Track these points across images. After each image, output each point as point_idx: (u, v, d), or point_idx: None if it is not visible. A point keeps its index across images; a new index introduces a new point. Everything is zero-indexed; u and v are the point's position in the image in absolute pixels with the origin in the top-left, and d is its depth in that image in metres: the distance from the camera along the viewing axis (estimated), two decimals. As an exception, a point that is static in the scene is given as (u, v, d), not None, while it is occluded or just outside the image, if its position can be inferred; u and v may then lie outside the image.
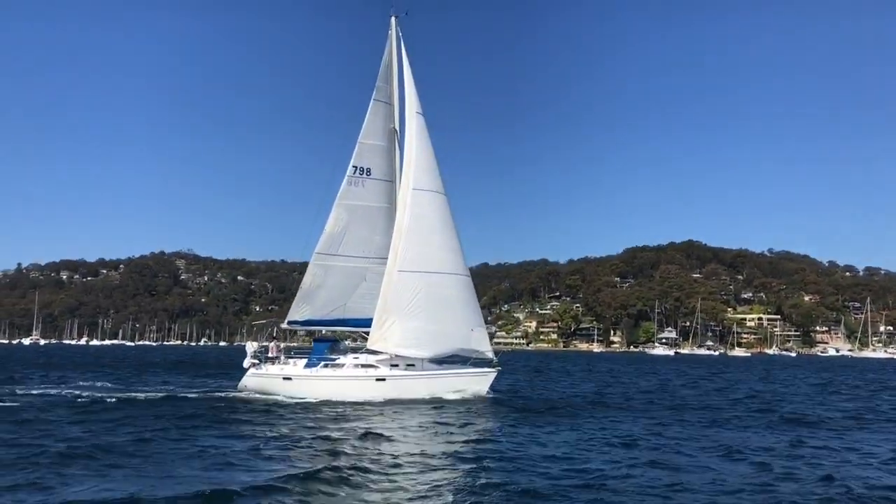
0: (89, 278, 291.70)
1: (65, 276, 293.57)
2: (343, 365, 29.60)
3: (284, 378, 29.91)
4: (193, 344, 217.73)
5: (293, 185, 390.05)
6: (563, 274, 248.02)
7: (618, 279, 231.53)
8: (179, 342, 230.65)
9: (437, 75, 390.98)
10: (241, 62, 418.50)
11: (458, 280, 30.74)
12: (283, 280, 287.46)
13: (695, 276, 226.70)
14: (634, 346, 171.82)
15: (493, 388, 30.87)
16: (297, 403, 27.16)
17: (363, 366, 29.48)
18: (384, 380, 29.30)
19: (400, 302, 29.51)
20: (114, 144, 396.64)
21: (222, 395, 30.05)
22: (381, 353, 29.47)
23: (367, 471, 13.89)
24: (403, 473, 13.91)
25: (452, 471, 14.33)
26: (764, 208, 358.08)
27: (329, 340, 31.97)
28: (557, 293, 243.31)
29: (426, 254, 29.97)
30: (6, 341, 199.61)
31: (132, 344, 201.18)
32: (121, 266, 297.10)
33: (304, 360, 30.27)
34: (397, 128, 31.95)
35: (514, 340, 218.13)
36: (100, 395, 28.96)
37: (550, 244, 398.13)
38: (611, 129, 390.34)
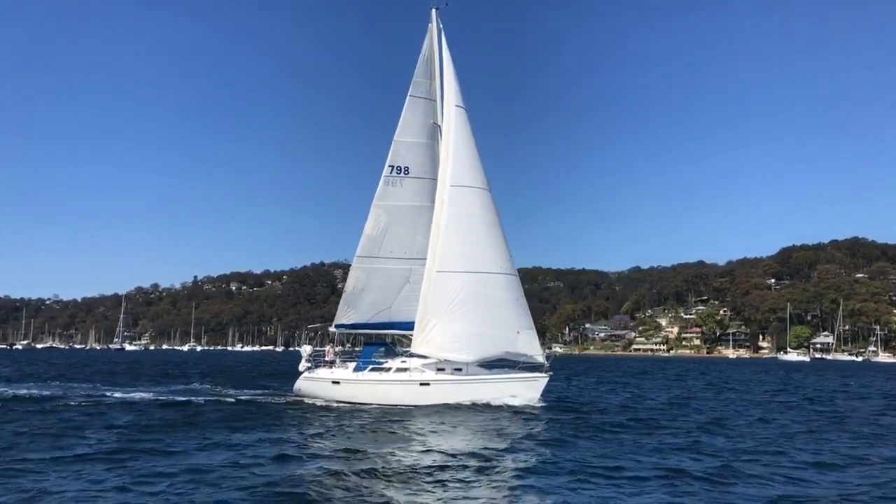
0: (255, 289, 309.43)
1: (234, 287, 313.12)
2: (390, 369, 28.58)
3: (333, 382, 29.37)
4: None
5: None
6: (711, 276, 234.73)
7: (772, 280, 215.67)
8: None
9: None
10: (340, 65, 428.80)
11: (503, 279, 28.79)
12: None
13: (858, 275, 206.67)
14: (785, 353, 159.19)
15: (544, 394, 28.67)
16: (325, 406, 26.71)
17: (408, 370, 28.28)
18: (428, 384, 27.98)
19: (440, 304, 28.08)
20: (263, 165, 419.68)
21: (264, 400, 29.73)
22: (428, 356, 28.23)
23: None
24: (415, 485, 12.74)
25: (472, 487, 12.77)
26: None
27: (379, 344, 31.00)
28: (705, 297, 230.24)
29: (466, 253, 28.34)
30: (179, 347, 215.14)
31: (281, 349, 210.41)
32: (284, 277, 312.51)
33: (354, 364, 29.60)
34: (440, 123, 30.46)
35: (654, 346, 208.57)
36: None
37: (707, 245, 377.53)
38: (765, 122, 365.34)
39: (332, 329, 31.21)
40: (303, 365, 30.54)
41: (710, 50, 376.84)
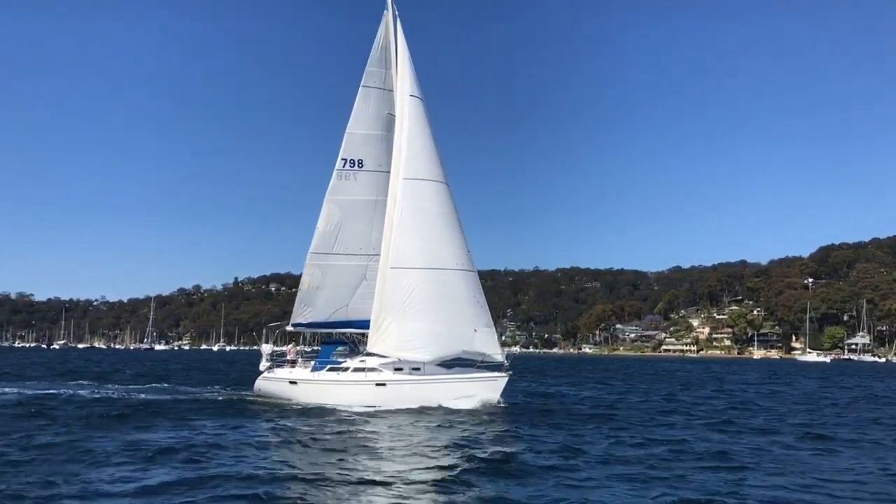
0: (294, 290, 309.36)
1: (273, 288, 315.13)
2: (347, 369, 27.33)
3: (290, 382, 28.28)
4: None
5: (497, 193, 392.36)
6: (746, 276, 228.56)
7: (810, 280, 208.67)
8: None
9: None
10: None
11: (459, 276, 27.40)
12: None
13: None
14: (804, 353, 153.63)
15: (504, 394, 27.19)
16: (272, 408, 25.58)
17: (364, 370, 26.97)
18: (384, 384, 26.73)
19: (395, 301, 26.82)
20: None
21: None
22: (385, 356, 26.91)
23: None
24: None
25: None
26: None
27: (338, 342, 29.76)
28: (739, 297, 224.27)
29: (420, 248, 27.02)
30: (214, 348, 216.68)
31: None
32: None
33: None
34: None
35: (684, 347, 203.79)
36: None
37: (750, 244, 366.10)
38: (810, 120, 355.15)
39: (288, 328, 30.11)
40: (263, 364, 29.60)
41: (742, 43, 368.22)
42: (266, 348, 30.51)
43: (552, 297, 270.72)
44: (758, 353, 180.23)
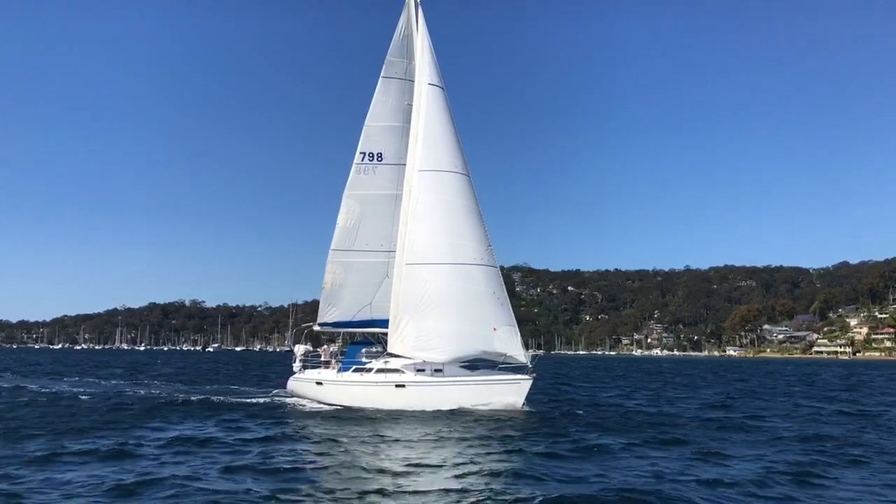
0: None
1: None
2: (371, 370, 26.26)
3: (317, 383, 27.63)
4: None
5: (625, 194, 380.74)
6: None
7: None
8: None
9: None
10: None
11: (479, 271, 25.62)
12: (613, 289, 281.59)
13: None
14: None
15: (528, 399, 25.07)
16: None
17: (386, 371, 25.79)
18: (404, 386, 25.39)
19: (411, 299, 25.52)
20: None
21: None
22: (406, 357, 25.57)
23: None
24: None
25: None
26: None
27: (364, 343, 28.64)
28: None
29: (437, 243, 25.51)
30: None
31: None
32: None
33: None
34: (417, 104, 27.49)
35: (838, 349, 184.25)
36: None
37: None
38: None
39: (315, 328, 29.30)
40: (296, 365, 29.19)
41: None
42: (299, 349, 29.95)
43: (703, 297, 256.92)
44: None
